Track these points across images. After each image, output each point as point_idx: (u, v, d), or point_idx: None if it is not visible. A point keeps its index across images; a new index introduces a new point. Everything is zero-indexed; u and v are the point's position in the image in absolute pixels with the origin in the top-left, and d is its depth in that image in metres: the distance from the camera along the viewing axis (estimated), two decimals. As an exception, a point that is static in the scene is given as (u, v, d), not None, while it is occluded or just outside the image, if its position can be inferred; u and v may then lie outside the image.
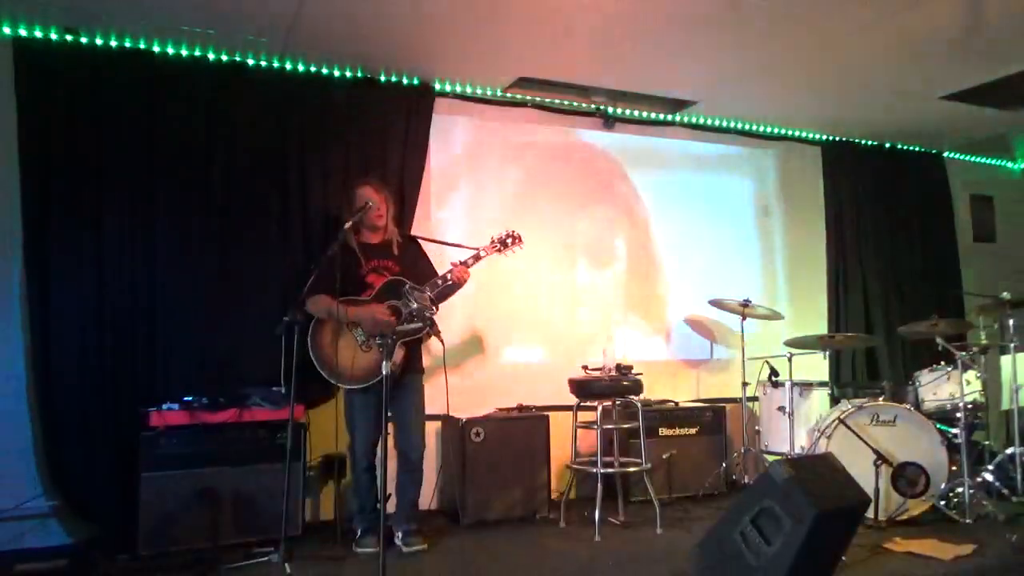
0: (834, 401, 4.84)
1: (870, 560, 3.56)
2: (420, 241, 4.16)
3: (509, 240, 3.95)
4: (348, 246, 3.80)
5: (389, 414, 3.56)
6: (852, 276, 6.12)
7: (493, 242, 3.95)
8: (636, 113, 5.54)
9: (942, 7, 3.96)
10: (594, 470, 4.20)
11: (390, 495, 3.83)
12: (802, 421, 4.70)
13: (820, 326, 5.89)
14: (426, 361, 4.09)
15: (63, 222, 3.94)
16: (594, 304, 5.37)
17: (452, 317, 4.85)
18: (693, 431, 4.98)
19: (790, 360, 4.69)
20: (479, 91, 5.05)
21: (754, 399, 5.08)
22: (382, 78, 4.74)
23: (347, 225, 3.70)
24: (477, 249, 3.93)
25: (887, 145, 6.44)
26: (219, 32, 4.11)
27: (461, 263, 3.84)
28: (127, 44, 4.14)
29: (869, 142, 6.35)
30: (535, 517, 4.38)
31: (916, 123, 5.90)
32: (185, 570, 3.48)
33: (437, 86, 4.92)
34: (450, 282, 3.80)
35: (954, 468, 4.25)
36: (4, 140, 3.88)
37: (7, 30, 3.92)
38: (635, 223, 5.57)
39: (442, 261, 4.15)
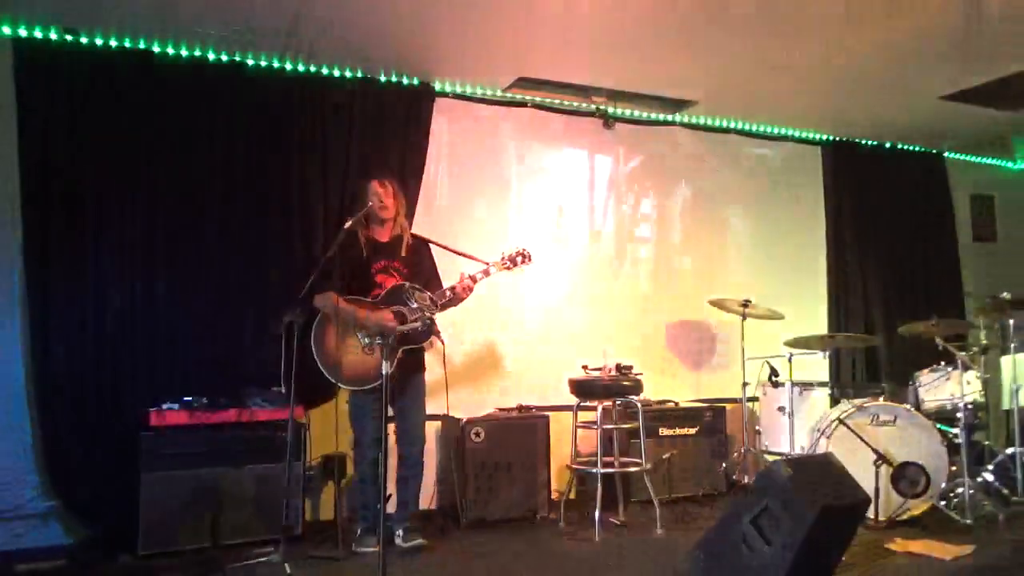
0: (834, 401, 4.84)
1: (870, 560, 3.56)
2: (431, 245, 4.13)
3: (519, 258, 3.95)
4: (358, 241, 3.81)
5: (390, 413, 3.55)
6: (852, 276, 6.12)
7: (503, 259, 3.93)
8: (636, 113, 5.54)
9: (942, 7, 3.96)
10: (594, 470, 4.20)
11: (391, 495, 3.83)
12: (802, 421, 4.70)
13: (820, 326, 5.88)
14: (427, 361, 4.08)
15: (63, 222, 3.94)
16: (594, 304, 5.37)
17: (453, 317, 4.85)
18: (693, 431, 4.98)
19: (790, 360, 4.69)
20: (479, 91, 5.05)
21: (754, 399, 5.08)
22: (382, 78, 4.74)
23: (347, 225, 3.70)
24: (487, 264, 3.90)
25: (887, 145, 6.43)
26: (219, 32, 4.11)
27: (470, 277, 3.82)
28: (127, 44, 4.13)
29: (869, 142, 6.34)
30: (535, 517, 4.38)
31: (916, 123, 5.89)
32: (185, 570, 3.48)
33: (437, 86, 4.92)
34: (452, 298, 3.79)
35: (954, 468, 4.25)
36: (4, 140, 3.88)
37: (7, 30, 3.91)
38: (636, 223, 5.56)
39: (444, 265, 4.13)
